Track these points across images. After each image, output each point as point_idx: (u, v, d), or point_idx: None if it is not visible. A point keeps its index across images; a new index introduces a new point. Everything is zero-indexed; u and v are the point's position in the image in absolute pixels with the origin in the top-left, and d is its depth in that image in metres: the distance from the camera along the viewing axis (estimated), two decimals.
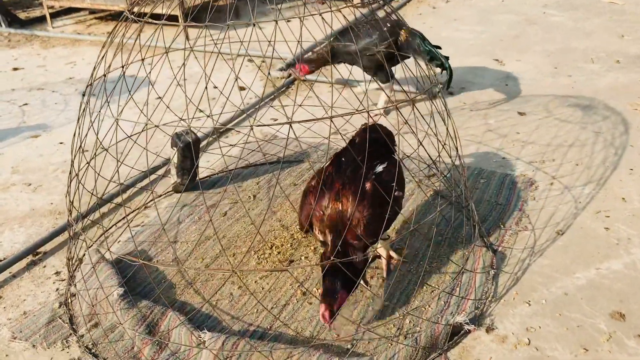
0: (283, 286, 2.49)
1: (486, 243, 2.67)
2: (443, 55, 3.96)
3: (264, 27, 2.32)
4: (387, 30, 3.78)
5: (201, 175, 3.36)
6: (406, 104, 2.23)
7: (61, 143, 3.85)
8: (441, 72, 4.05)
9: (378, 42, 3.76)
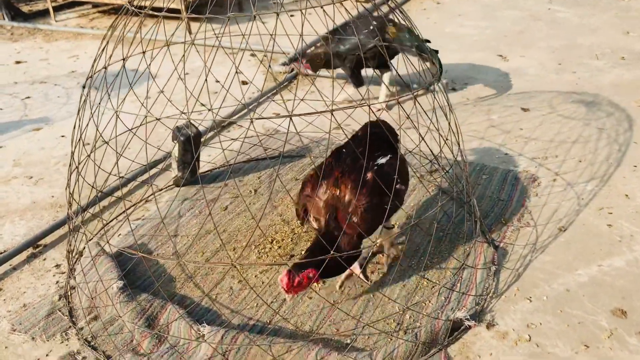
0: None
1: (488, 239, 2.65)
2: (432, 49, 3.92)
3: (267, 22, 2.30)
4: (374, 27, 3.75)
5: (202, 169, 3.35)
6: (408, 99, 2.22)
7: (63, 136, 3.85)
8: (430, 66, 4.01)
9: (366, 42, 3.72)
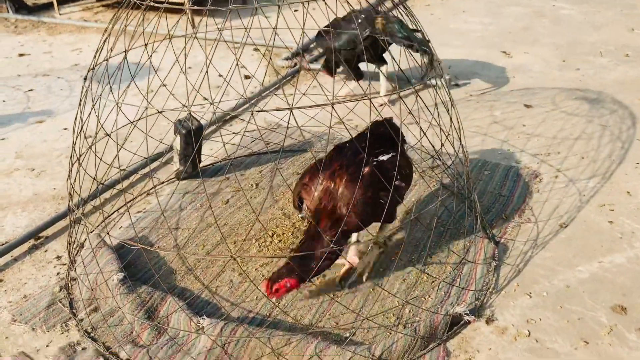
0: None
1: (488, 234, 2.65)
2: (423, 39, 3.88)
3: (270, 17, 2.30)
4: (363, 21, 3.73)
5: (204, 163, 3.35)
6: (410, 93, 2.22)
7: (65, 129, 3.86)
8: (422, 57, 3.98)
9: (357, 35, 3.71)
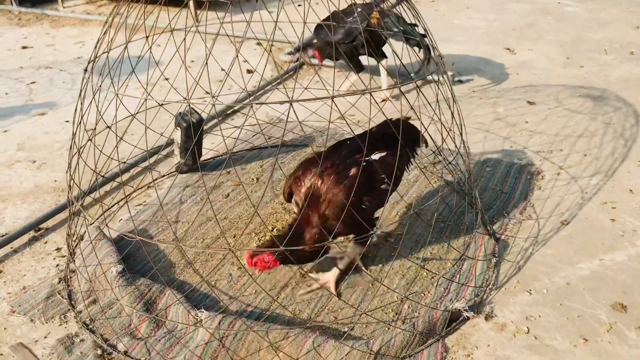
0: (282, 268, 2.48)
1: (489, 231, 2.64)
2: (420, 33, 3.87)
3: (273, 11, 2.29)
4: (360, 14, 3.72)
5: (205, 156, 3.35)
6: (412, 89, 2.21)
7: (67, 121, 3.85)
8: (419, 51, 3.96)
9: (354, 29, 3.71)
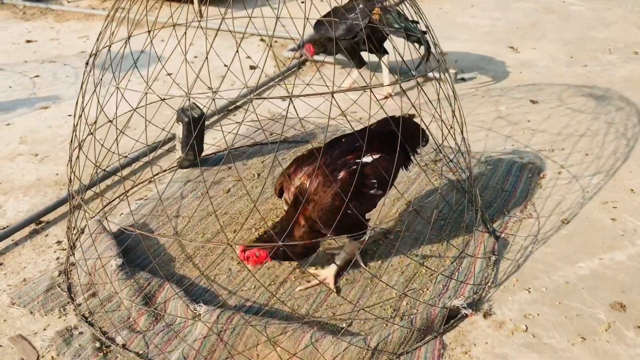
0: (281, 263, 2.48)
1: (489, 229, 2.64)
2: (420, 30, 3.86)
3: (277, 7, 2.29)
4: (361, 10, 3.72)
5: (207, 152, 3.35)
6: (413, 86, 2.20)
7: (70, 115, 3.86)
8: (419, 48, 3.95)
9: (355, 25, 3.71)
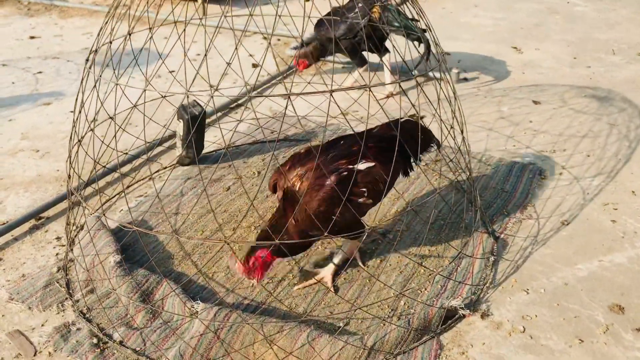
0: (280, 262, 2.48)
1: (488, 229, 2.63)
2: (420, 28, 3.86)
3: (281, 6, 2.29)
4: (360, 10, 3.73)
5: (207, 149, 3.36)
6: (416, 85, 2.20)
7: (72, 112, 3.87)
8: (418, 46, 3.94)
9: (356, 24, 3.72)
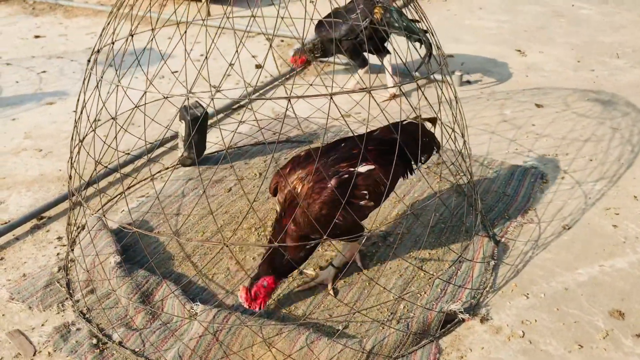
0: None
1: (489, 233, 2.63)
2: (422, 29, 3.85)
3: (285, 7, 2.30)
4: (361, 10, 3.73)
5: (209, 150, 3.36)
6: (417, 88, 2.20)
7: (75, 111, 3.88)
8: (420, 47, 3.94)
9: (357, 25, 3.73)
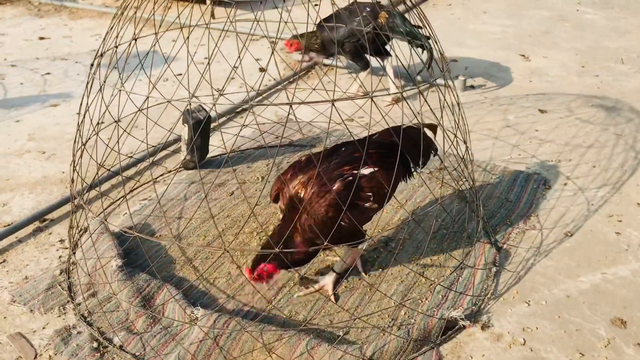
0: (284, 273, 2.47)
1: (491, 239, 2.62)
2: (424, 35, 3.84)
3: (290, 10, 2.30)
4: (367, 14, 3.74)
5: (212, 154, 3.36)
6: (414, 93, 2.19)
7: (78, 113, 3.89)
8: (422, 52, 3.94)
9: (359, 28, 3.74)
